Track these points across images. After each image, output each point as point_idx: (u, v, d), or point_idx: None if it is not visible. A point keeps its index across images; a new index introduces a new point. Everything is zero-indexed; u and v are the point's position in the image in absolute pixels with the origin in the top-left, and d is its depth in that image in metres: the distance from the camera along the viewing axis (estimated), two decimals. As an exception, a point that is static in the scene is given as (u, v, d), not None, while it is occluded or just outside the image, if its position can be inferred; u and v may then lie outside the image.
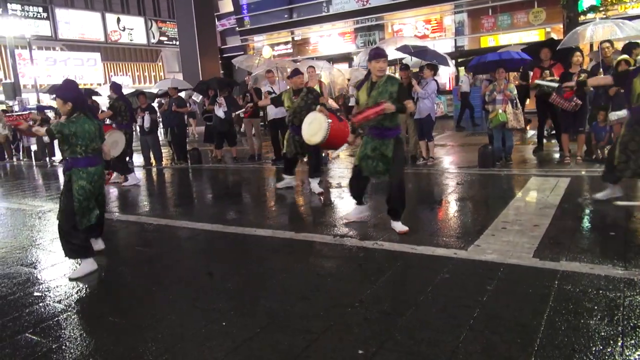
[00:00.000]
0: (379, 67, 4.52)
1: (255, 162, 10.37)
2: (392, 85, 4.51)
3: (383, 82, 4.54)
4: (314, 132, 5.87)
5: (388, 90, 4.50)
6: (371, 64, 4.56)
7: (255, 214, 6.13)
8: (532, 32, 17.37)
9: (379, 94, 4.51)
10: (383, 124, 4.57)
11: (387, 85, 4.52)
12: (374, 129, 4.66)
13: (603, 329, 2.66)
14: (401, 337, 2.73)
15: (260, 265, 4.11)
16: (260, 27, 24.66)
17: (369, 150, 4.71)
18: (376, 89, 4.55)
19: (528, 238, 4.19)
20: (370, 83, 4.64)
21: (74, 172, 4.19)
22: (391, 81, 4.56)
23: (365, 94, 4.65)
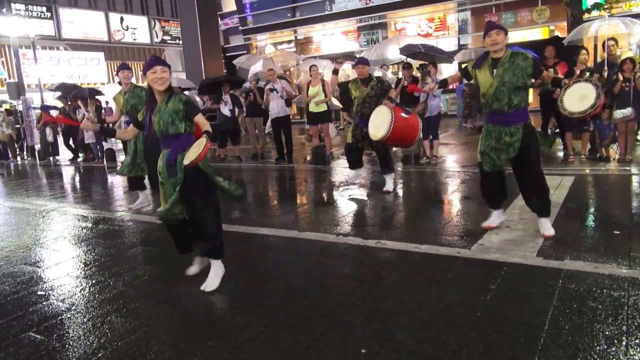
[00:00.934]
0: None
1: (258, 162, 10.37)
2: (523, 61, 4.05)
3: (509, 57, 4.08)
4: (378, 126, 5.70)
5: (520, 66, 4.03)
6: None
7: (259, 213, 6.13)
8: (536, 30, 17.29)
9: (504, 71, 4.06)
10: (511, 105, 4.05)
11: (516, 59, 4.06)
12: (495, 114, 4.16)
13: (607, 329, 2.64)
14: (404, 336, 2.72)
15: (263, 265, 4.10)
16: (263, 26, 24.67)
17: (493, 142, 4.20)
18: (501, 65, 4.10)
19: (532, 237, 4.17)
20: (492, 60, 4.19)
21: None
22: (520, 55, 4.11)
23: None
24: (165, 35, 36.95)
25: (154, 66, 3.45)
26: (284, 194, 6.94)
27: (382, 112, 5.70)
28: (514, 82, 4.02)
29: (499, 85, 4.05)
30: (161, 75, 3.46)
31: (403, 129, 5.63)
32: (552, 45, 7.84)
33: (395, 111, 5.62)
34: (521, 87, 4.06)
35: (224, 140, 10.82)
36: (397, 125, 5.50)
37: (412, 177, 7.76)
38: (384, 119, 5.61)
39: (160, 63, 3.52)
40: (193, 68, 24.56)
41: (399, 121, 5.54)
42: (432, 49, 9.25)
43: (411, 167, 8.26)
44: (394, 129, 5.48)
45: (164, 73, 3.48)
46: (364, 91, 6.25)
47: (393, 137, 5.63)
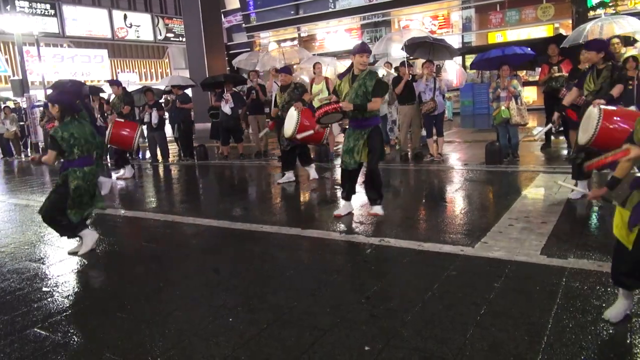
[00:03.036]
0: (362, 61, 4.81)
1: (261, 159, 10.38)
2: (370, 80, 4.78)
3: (364, 75, 4.81)
4: (288, 126, 6.65)
5: (366, 84, 4.77)
6: (355, 57, 4.83)
7: (262, 210, 6.14)
8: (540, 28, 17.21)
9: (359, 86, 4.80)
10: (362, 114, 4.84)
11: (366, 79, 4.78)
12: (353, 120, 4.95)
13: (611, 327, 2.64)
14: (408, 333, 2.73)
15: (267, 262, 4.11)
16: (267, 24, 24.66)
17: (351, 143, 4.94)
18: (357, 80, 4.83)
19: (535, 235, 4.17)
20: (352, 75, 4.91)
21: (70, 172, 4.36)
22: (370, 76, 4.83)
23: (348, 84, 4.92)
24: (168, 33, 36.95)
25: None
26: (287, 192, 6.95)
27: (291, 113, 6.69)
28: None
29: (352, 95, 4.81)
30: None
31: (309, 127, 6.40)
32: (555, 44, 7.81)
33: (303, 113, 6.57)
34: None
35: (226, 138, 10.84)
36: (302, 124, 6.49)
37: (416, 175, 7.76)
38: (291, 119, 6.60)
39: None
40: (196, 65, 24.58)
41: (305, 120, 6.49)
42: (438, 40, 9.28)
43: (415, 165, 8.26)
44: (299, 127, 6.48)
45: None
46: (282, 97, 7.14)
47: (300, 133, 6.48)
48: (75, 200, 4.38)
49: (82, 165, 4.37)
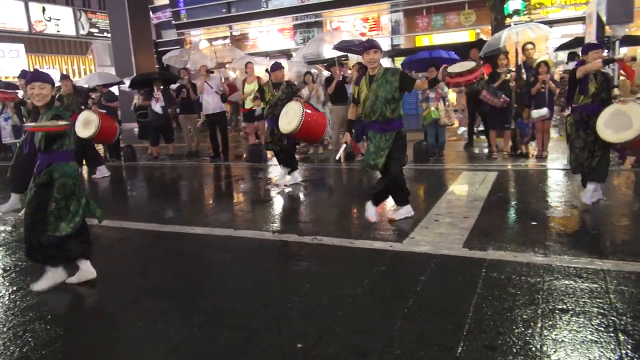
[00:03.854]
0: (369, 59, 4.49)
1: (193, 159, 10.15)
2: (392, 76, 4.50)
3: (382, 74, 4.52)
4: (289, 120, 6.04)
5: (389, 81, 4.47)
6: (364, 56, 4.53)
7: (193, 212, 6.02)
8: (463, 33, 18.09)
9: (378, 86, 4.49)
10: (385, 116, 4.51)
11: (387, 76, 4.50)
12: (375, 123, 4.61)
13: (525, 312, 2.85)
14: (339, 329, 2.80)
15: (199, 264, 4.05)
16: (197, 21, 24.08)
17: (373, 147, 4.64)
18: (375, 81, 4.52)
19: (458, 229, 4.40)
20: (369, 76, 4.59)
21: (57, 168, 3.49)
22: (391, 72, 4.55)
23: (366, 88, 4.58)
24: (92, 28, 35.07)
25: (32, 82, 3.43)
26: (220, 193, 6.87)
27: (293, 107, 6.08)
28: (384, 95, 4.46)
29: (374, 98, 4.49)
30: (39, 92, 3.44)
31: (312, 124, 6.06)
32: (477, 48, 8.26)
33: (306, 107, 6.04)
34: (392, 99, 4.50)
35: (156, 138, 10.51)
36: (307, 119, 5.91)
37: (349, 174, 7.92)
38: (294, 113, 6.00)
39: (40, 79, 3.47)
40: (123, 63, 23.55)
41: (308, 116, 5.97)
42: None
43: (348, 164, 8.42)
44: (304, 123, 5.88)
45: (43, 90, 3.45)
46: (276, 95, 6.61)
47: (302, 132, 6.04)
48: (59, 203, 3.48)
49: (70, 160, 3.59)
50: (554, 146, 8.15)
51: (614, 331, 2.60)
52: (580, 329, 2.64)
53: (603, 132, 4.62)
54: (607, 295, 2.99)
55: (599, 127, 4.64)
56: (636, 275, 3.25)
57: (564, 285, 3.16)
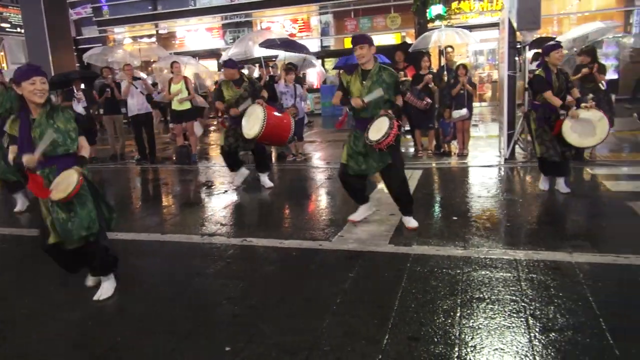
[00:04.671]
0: (357, 55, 4.23)
1: (117, 162, 9.73)
2: (389, 77, 4.23)
3: (377, 71, 4.25)
4: (251, 125, 5.81)
5: (386, 82, 4.21)
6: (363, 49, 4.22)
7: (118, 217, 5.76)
8: (390, 36, 18.65)
9: (372, 84, 4.21)
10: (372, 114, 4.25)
11: (383, 76, 4.23)
12: (363, 121, 4.29)
13: (445, 303, 3.01)
14: (269, 329, 2.81)
15: (125, 270, 3.88)
16: (121, 18, 23.09)
17: (361, 147, 4.32)
18: (369, 78, 4.24)
19: (385, 227, 4.54)
20: (362, 71, 4.30)
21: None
22: (387, 72, 4.27)
23: (358, 82, 4.29)
24: (3, 23, 32.59)
25: (33, 76, 3.09)
26: (146, 196, 6.63)
27: (256, 111, 5.83)
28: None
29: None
30: (41, 87, 3.13)
31: (275, 127, 5.82)
32: (401, 51, 8.56)
33: (268, 110, 5.80)
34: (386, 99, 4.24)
35: (77, 140, 9.95)
36: (269, 123, 5.68)
37: (280, 174, 7.92)
38: (257, 117, 5.76)
39: (40, 73, 3.16)
40: (39, 60, 21.93)
41: (271, 119, 5.73)
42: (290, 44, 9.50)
43: (277, 165, 8.42)
44: (267, 126, 5.64)
45: (44, 85, 3.15)
46: (237, 92, 6.31)
47: (266, 135, 5.78)
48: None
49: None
50: (474, 144, 8.60)
51: (525, 316, 2.81)
52: (495, 316, 2.82)
53: (569, 136, 4.97)
54: (519, 283, 3.22)
55: (565, 130, 4.99)
56: (544, 263, 3.51)
57: (481, 276, 3.36)
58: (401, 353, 2.51)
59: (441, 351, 2.51)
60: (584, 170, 6.44)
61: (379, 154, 4.25)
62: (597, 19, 12.70)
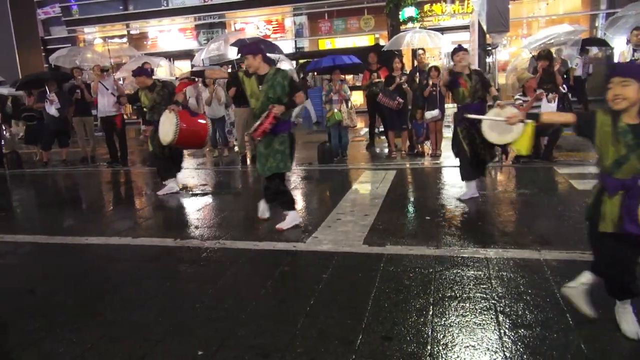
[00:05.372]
0: (248, 64, 4.47)
1: (88, 165, 9.53)
2: (283, 79, 4.46)
3: (272, 74, 4.47)
4: (166, 131, 5.85)
5: (280, 83, 4.43)
6: (248, 60, 4.47)
7: (88, 221, 5.65)
8: (363, 37, 18.78)
9: (269, 87, 4.43)
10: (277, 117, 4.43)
11: (277, 77, 4.45)
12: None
13: (418, 302, 3.04)
14: (242, 332, 2.79)
15: (94, 276, 3.82)
16: (90, 18, 22.62)
17: (263, 148, 4.57)
18: (266, 82, 4.45)
19: (359, 227, 4.57)
20: (258, 76, 4.51)
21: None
22: (282, 74, 4.52)
23: (256, 85, 4.50)
24: (-34, 22, 31.62)
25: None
26: (118, 200, 6.51)
27: (169, 117, 5.93)
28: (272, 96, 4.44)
29: (264, 99, 4.46)
30: None
31: (190, 132, 5.93)
32: (374, 52, 8.63)
33: (181, 115, 5.89)
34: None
35: (50, 142, 9.72)
36: (182, 128, 5.80)
37: (253, 176, 7.89)
38: (170, 124, 5.85)
39: None
40: (5, 61, 21.50)
41: (185, 123, 5.85)
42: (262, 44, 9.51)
43: (252, 167, 8.39)
44: (181, 131, 5.78)
45: None
46: (151, 97, 6.37)
47: (181, 140, 5.91)
48: None
49: None
50: (447, 145, 8.73)
51: (495, 313, 2.86)
52: (466, 314, 2.87)
53: (489, 135, 5.02)
54: (490, 281, 3.28)
55: (485, 130, 5.04)
56: (514, 261, 3.59)
57: (453, 274, 3.41)
58: (374, 352, 2.53)
59: (414, 350, 2.53)
60: (552, 170, 6.60)
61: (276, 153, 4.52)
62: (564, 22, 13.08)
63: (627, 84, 2.34)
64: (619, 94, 2.35)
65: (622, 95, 2.34)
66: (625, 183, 2.40)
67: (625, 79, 2.34)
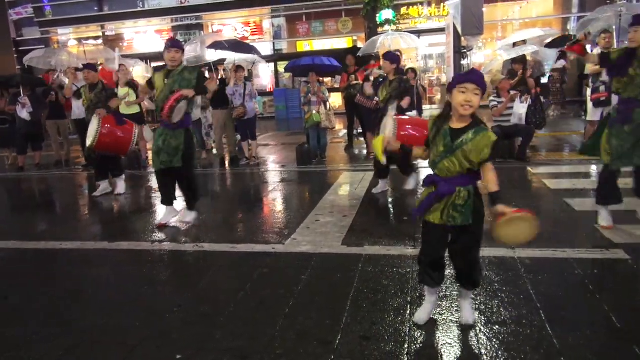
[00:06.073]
0: (170, 57, 4.65)
1: (62, 169, 9.34)
2: (190, 74, 4.70)
3: (179, 71, 4.69)
4: (89, 134, 6.05)
5: (185, 79, 4.66)
6: (165, 53, 4.67)
7: (63, 226, 5.55)
8: (341, 40, 18.85)
9: (174, 82, 4.65)
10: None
11: (185, 74, 4.68)
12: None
13: (396, 302, 3.07)
14: (220, 335, 2.78)
15: (70, 281, 3.76)
16: (64, 19, 22.19)
17: (161, 142, 4.74)
18: (172, 77, 4.68)
19: (338, 228, 4.59)
20: (167, 71, 4.74)
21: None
22: (189, 70, 4.75)
23: (161, 80, 4.73)
24: None
25: None
26: (93, 204, 6.40)
27: (93, 122, 6.07)
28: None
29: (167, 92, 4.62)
30: None
31: (111, 138, 6.06)
32: (352, 55, 8.69)
33: (105, 121, 6.03)
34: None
35: (24, 146, 9.51)
36: (102, 134, 5.94)
37: (233, 178, 7.86)
38: (93, 128, 6.02)
39: None
40: (-25, 62, 20.92)
41: (106, 130, 5.99)
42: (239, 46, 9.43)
43: (232, 169, 8.35)
44: (100, 136, 5.93)
45: None
46: (89, 97, 6.43)
47: (101, 145, 6.05)
48: None
49: None
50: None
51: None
52: (443, 312, 2.91)
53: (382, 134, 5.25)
54: (466, 279, 3.33)
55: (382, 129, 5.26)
56: (489, 259, 3.64)
57: (430, 274, 3.45)
58: (353, 352, 2.55)
59: (392, 349, 2.56)
60: (526, 170, 6.73)
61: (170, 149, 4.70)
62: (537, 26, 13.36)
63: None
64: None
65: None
66: None
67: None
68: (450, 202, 2.53)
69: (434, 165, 2.59)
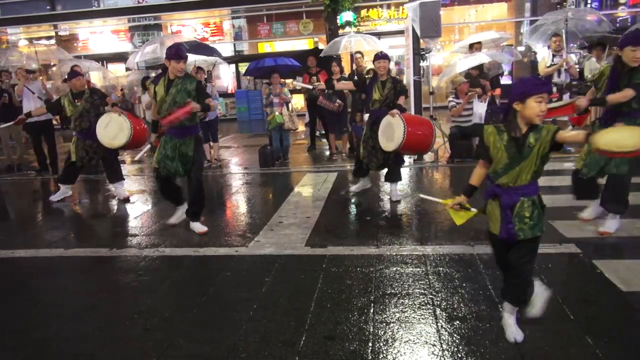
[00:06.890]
0: (179, 68, 4.47)
1: (14, 174, 8.95)
2: (190, 84, 4.51)
3: (181, 80, 4.50)
4: (114, 134, 5.67)
5: (187, 89, 4.49)
6: (170, 63, 4.44)
7: (14, 233, 5.33)
8: (303, 41, 18.86)
9: (177, 92, 4.47)
10: (183, 123, 4.51)
11: (186, 84, 4.50)
12: (174, 128, 4.57)
13: (359, 301, 3.11)
14: (182, 341, 2.74)
15: (23, 291, 3.61)
16: (14, 18, 21.30)
17: (169, 151, 4.58)
18: (174, 86, 4.48)
19: (302, 229, 4.59)
20: (168, 80, 4.54)
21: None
22: (189, 79, 4.56)
23: (163, 90, 4.51)
24: None
25: None
26: (48, 210, 6.17)
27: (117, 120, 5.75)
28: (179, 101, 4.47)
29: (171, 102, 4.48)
30: None
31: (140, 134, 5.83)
32: (314, 56, 8.71)
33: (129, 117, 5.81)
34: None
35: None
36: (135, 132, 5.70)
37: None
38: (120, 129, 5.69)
39: None
40: None
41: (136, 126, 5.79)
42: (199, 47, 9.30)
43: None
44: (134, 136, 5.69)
45: None
46: (78, 105, 6.07)
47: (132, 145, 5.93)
48: None
49: None
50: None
51: (432, 307, 2.97)
52: (406, 309, 2.96)
53: (381, 139, 5.28)
54: (427, 277, 3.40)
55: (380, 134, 5.28)
56: (449, 257, 3.74)
57: (393, 272, 3.51)
58: (318, 353, 2.56)
59: (356, 348, 2.59)
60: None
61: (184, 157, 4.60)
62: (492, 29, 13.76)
63: None
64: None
65: None
66: None
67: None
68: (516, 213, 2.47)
69: (497, 177, 2.51)
